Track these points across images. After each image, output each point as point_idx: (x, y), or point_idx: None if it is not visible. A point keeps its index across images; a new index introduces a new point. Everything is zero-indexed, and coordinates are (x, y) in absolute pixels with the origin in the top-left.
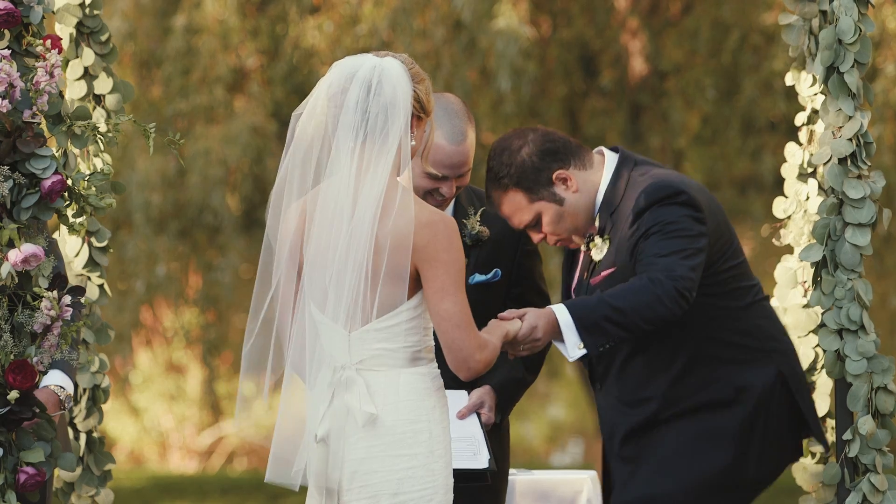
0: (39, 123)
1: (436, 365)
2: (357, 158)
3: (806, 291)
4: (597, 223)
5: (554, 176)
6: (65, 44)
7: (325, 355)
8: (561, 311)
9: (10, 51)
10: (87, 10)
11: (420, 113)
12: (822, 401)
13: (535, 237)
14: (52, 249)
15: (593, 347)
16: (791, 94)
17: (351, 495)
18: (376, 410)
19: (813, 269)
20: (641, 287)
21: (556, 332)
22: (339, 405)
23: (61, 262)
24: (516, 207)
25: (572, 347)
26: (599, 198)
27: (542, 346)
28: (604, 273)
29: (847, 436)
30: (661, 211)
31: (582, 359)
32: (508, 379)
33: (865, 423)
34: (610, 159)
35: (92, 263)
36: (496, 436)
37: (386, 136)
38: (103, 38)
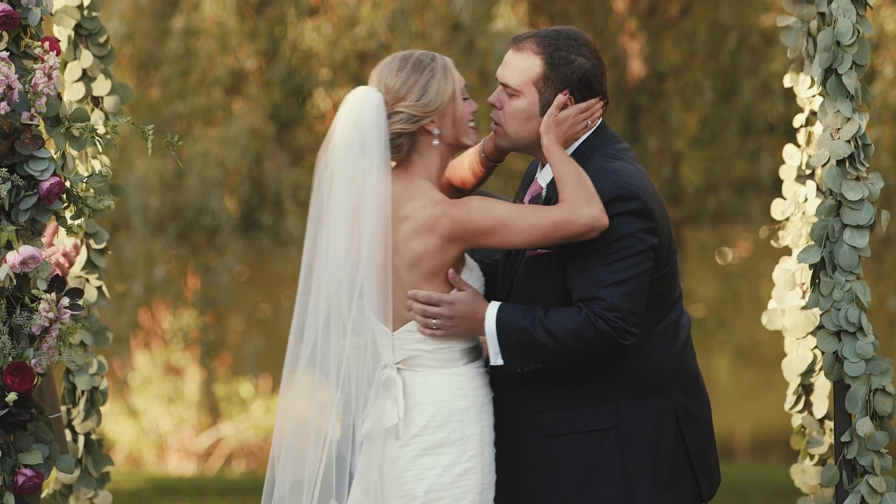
0: (38, 125)
1: (478, 364)
2: (355, 184)
3: (804, 293)
4: (544, 193)
5: (565, 94)
6: (63, 46)
7: (378, 354)
8: (489, 319)
9: (8, 53)
10: (86, 12)
11: (420, 123)
12: (821, 403)
13: (492, 98)
14: None
15: (511, 367)
16: (789, 95)
17: (388, 493)
18: (398, 419)
19: (811, 271)
20: (579, 332)
21: (477, 331)
22: (380, 405)
23: None
24: (520, 70)
25: (494, 356)
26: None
27: (457, 333)
28: (540, 251)
29: (845, 437)
30: (614, 220)
31: None
32: None
33: (864, 425)
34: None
35: (90, 265)
36: None
37: (379, 163)
38: (101, 39)
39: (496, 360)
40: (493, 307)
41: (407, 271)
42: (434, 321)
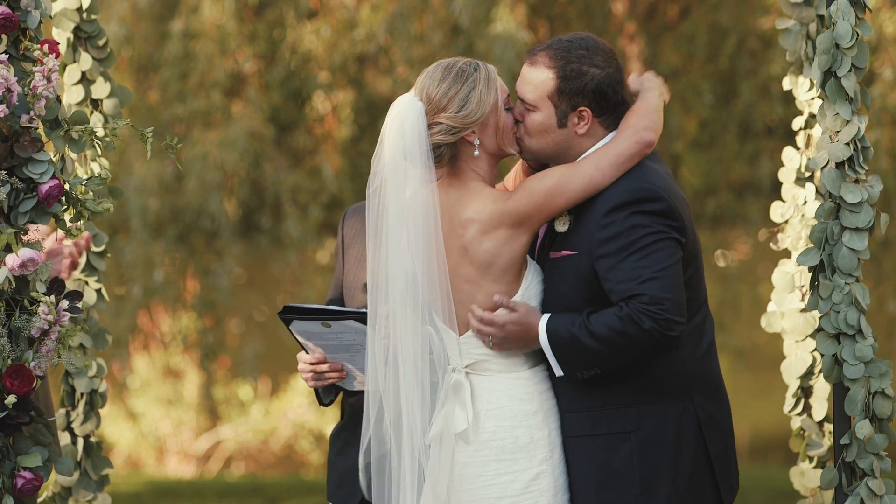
0: (37, 128)
1: (543, 368)
2: (404, 186)
3: (803, 296)
4: None
5: (580, 109)
6: (62, 48)
7: (443, 358)
8: (542, 333)
9: (7, 55)
10: (85, 15)
11: (460, 134)
12: (820, 405)
13: (515, 112)
14: None
15: (572, 375)
16: (788, 98)
17: (459, 497)
18: (468, 424)
19: (810, 274)
20: (624, 330)
21: (534, 345)
22: (449, 409)
23: None
24: (535, 85)
25: (555, 367)
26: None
27: (515, 349)
28: (564, 252)
29: (845, 440)
30: (637, 218)
31: None
32: None
33: (863, 428)
34: (611, 134)
35: (89, 268)
36: None
37: (422, 171)
38: (101, 42)
39: (557, 370)
40: (544, 320)
41: (481, 274)
42: (490, 338)
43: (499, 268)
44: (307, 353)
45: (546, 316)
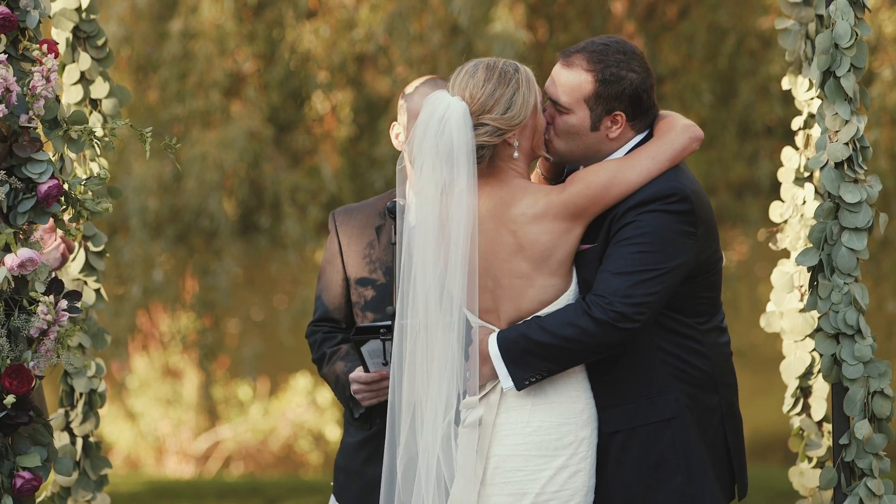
0: (36, 128)
1: (585, 367)
2: (441, 188)
3: (802, 296)
4: None
5: (616, 113)
6: (61, 48)
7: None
8: (492, 343)
9: (6, 55)
10: (84, 15)
11: (504, 136)
12: (819, 405)
13: (547, 115)
14: None
15: (520, 383)
16: (788, 98)
17: (493, 489)
18: (476, 418)
19: (809, 274)
20: (573, 321)
21: (487, 364)
22: (493, 399)
23: None
24: (571, 88)
25: (504, 379)
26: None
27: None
28: (585, 245)
29: (844, 440)
30: (649, 217)
31: None
32: None
33: (862, 428)
34: (638, 137)
35: (88, 268)
36: None
37: (466, 172)
38: (100, 42)
39: (506, 382)
40: (494, 334)
41: (536, 268)
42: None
43: (555, 261)
44: (367, 370)
45: (496, 331)
